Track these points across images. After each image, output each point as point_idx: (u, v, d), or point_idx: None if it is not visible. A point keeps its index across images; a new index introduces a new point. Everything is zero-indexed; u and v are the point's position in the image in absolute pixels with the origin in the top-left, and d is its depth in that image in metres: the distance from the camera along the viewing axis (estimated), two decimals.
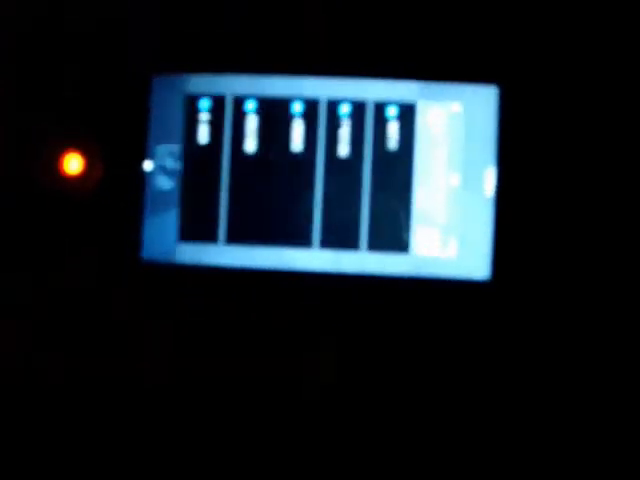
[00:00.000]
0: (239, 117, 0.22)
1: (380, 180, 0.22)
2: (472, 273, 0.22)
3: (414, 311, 0.21)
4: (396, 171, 0.22)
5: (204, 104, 0.22)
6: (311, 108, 0.22)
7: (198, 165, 0.21)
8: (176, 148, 0.21)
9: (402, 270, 0.22)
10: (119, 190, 0.21)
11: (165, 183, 0.21)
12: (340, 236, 0.22)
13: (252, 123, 0.22)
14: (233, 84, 0.22)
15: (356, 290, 0.21)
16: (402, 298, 0.21)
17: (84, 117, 0.21)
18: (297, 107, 0.22)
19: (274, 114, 0.22)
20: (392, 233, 0.22)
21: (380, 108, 0.22)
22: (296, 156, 0.22)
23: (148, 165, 0.21)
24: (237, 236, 0.21)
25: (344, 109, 0.22)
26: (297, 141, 0.22)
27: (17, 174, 0.21)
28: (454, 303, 0.21)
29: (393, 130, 0.22)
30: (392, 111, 0.22)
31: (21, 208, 0.21)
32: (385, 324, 0.21)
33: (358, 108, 0.22)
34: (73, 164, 0.21)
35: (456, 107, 0.22)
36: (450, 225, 0.22)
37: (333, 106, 0.22)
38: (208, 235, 0.21)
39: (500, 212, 0.22)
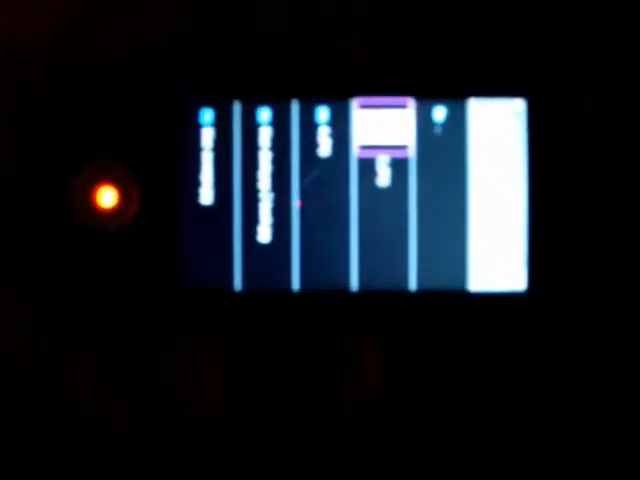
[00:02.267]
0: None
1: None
2: (508, 285, 0.21)
3: (456, 325, 0.21)
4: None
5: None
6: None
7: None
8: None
9: None
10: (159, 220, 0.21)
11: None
12: None
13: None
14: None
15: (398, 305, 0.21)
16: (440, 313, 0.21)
17: (119, 149, 0.21)
18: (323, 114, 0.21)
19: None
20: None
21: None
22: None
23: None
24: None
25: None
26: (325, 147, 0.21)
27: (50, 207, 0.21)
28: (491, 316, 0.21)
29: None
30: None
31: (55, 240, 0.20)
32: (424, 339, 0.21)
33: None
34: (108, 198, 0.21)
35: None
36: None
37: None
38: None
39: (534, 222, 0.21)
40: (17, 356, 0.20)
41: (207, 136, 0.20)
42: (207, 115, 0.20)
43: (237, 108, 0.20)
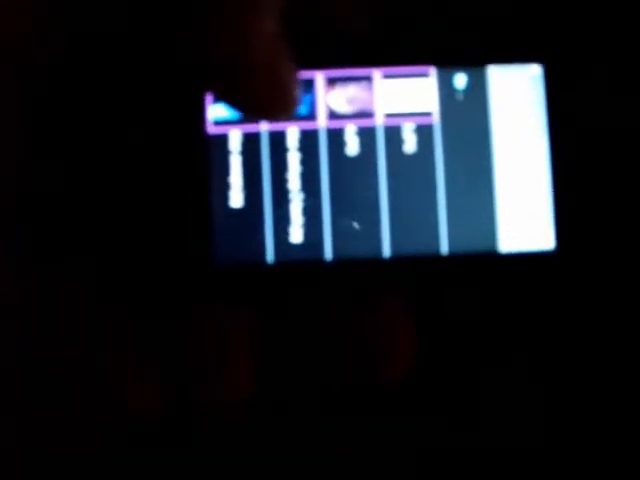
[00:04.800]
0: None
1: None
2: (536, 245, 0.21)
3: (487, 287, 0.21)
4: None
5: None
6: None
7: None
8: None
9: None
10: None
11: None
12: None
13: None
14: None
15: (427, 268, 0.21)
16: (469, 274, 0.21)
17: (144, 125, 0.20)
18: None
19: None
20: None
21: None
22: (355, 159, 0.21)
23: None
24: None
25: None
26: (353, 146, 0.21)
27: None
28: (522, 275, 0.21)
29: None
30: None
31: None
32: (454, 300, 0.21)
33: None
34: None
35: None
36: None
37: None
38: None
39: (558, 181, 0.21)
40: (46, 341, 0.20)
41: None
42: None
43: None
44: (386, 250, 0.21)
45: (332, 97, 0.21)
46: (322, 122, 0.21)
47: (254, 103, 0.18)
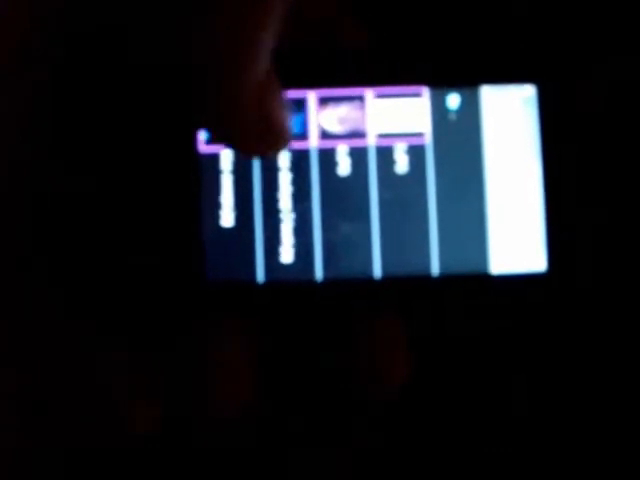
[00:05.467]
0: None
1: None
2: (528, 266, 0.21)
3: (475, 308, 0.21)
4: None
5: None
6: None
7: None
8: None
9: None
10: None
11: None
12: None
13: None
14: None
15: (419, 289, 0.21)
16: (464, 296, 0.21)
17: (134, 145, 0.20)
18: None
19: None
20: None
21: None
22: (347, 179, 0.21)
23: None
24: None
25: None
26: (345, 166, 0.21)
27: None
28: (513, 297, 0.21)
29: None
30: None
31: None
32: (447, 322, 0.21)
33: None
34: None
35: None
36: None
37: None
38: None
39: (551, 203, 0.21)
40: (40, 356, 0.20)
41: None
42: None
43: None
44: (377, 270, 0.21)
45: (324, 117, 0.21)
46: (314, 142, 0.21)
47: (247, 141, 0.18)
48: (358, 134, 0.21)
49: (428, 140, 0.21)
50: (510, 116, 0.21)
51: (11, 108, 0.19)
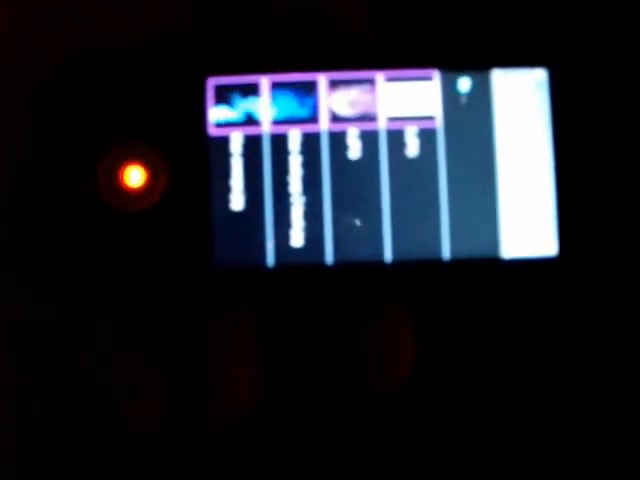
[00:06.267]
0: None
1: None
2: (539, 251, 0.21)
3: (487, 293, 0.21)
4: None
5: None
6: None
7: None
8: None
9: None
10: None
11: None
12: None
13: None
14: None
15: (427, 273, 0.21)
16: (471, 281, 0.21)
17: (146, 127, 0.20)
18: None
19: None
20: None
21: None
22: (357, 163, 0.21)
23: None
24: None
25: None
26: (355, 149, 0.21)
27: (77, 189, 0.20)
28: (524, 282, 0.21)
29: None
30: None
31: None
32: (457, 306, 0.21)
33: None
34: (135, 177, 0.20)
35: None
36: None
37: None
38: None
39: (562, 187, 0.21)
40: (45, 344, 0.20)
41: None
42: None
43: None
44: (387, 255, 0.21)
45: (334, 100, 0.21)
46: (324, 125, 0.21)
47: None
48: (369, 117, 0.21)
49: (439, 124, 0.21)
50: (521, 100, 0.21)
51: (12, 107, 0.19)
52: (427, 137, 0.21)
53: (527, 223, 0.21)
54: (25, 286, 0.19)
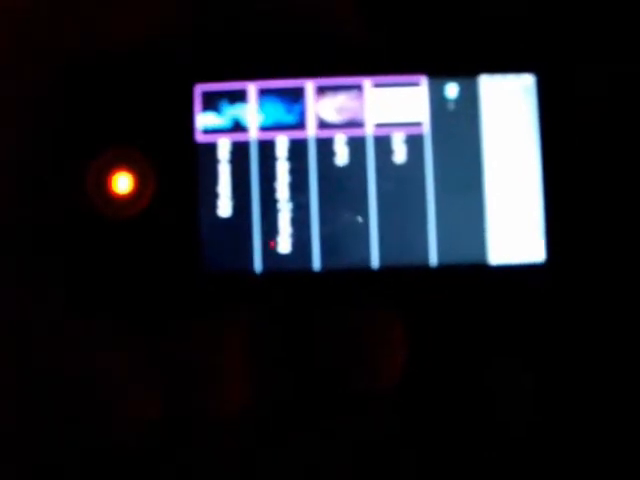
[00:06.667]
0: None
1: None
2: (526, 257, 0.21)
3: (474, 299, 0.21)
4: None
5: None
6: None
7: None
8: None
9: None
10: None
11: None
12: None
13: None
14: None
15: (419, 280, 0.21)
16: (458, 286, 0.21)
17: (134, 134, 0.20)
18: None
19: None
20: None
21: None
22: (345, 169, 0.21)
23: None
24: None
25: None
26: (342, 156, 0.21)
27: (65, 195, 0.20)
28: (512, 288, 0.21)
29: None
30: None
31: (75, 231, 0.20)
32: (445, 313, 0.21)
33: None
34: (123, 184, 0.20)
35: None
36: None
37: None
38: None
39: (549, 193, 0.21)
40: (40, 349, 0.20)
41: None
42: None
43: None
44: (375, 261, 0.21)
45: (322, 106, 0.21)
46: (312, 131, 0.21)
47: None
48: (356, 123, 0.21)
49: (426, 130, 0.21)
50: (509, 105, 0.21)
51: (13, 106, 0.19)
52: (415, 143, 0.21)
53: (514, 229, 0.21)
54: (25, 286, 0.19)
